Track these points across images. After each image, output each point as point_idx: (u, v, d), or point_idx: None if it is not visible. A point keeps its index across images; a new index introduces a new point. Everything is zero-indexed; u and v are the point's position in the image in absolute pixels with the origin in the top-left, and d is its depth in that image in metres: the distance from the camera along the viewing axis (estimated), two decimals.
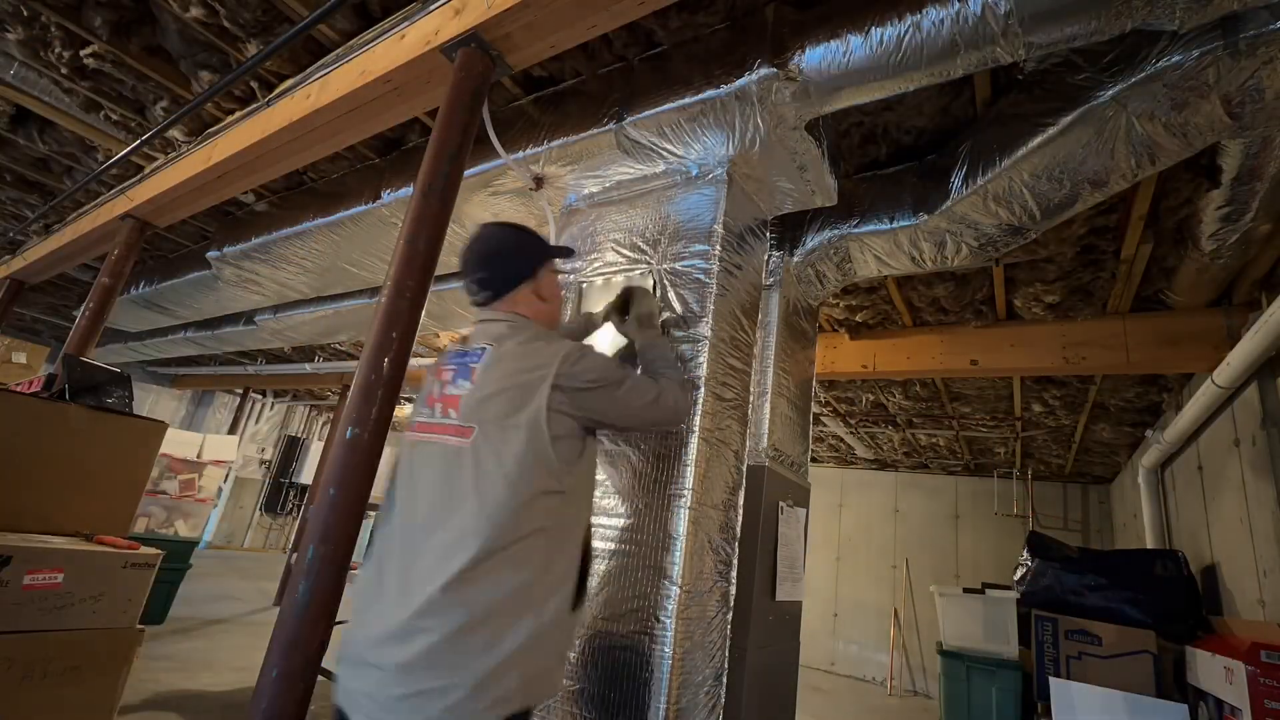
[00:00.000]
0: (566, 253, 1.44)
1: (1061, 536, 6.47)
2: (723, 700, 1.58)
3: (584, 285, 1.95)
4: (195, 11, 2.11)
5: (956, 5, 1.36)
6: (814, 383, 2.39)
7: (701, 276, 1.72)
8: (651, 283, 1.79)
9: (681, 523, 1.48)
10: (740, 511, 1.75)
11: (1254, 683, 2.22)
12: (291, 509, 10.33)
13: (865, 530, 7.75)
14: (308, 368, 6.71)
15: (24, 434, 1.91)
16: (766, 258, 2.14)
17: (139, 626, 1.78)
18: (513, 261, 1.32)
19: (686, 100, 1.73)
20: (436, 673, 0.94)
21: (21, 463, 1.89)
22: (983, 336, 3.31)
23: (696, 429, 1.55)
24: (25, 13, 2.28)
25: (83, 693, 1.64)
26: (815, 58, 1.55)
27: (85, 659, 1.65)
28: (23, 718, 1.53)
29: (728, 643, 1.63)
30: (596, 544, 1.57)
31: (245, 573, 7.62)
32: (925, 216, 2.00)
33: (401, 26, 1.83)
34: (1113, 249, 2.53)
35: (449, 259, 2.97)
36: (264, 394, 10.23)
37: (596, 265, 1.95)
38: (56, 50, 2.42)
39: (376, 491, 1.33)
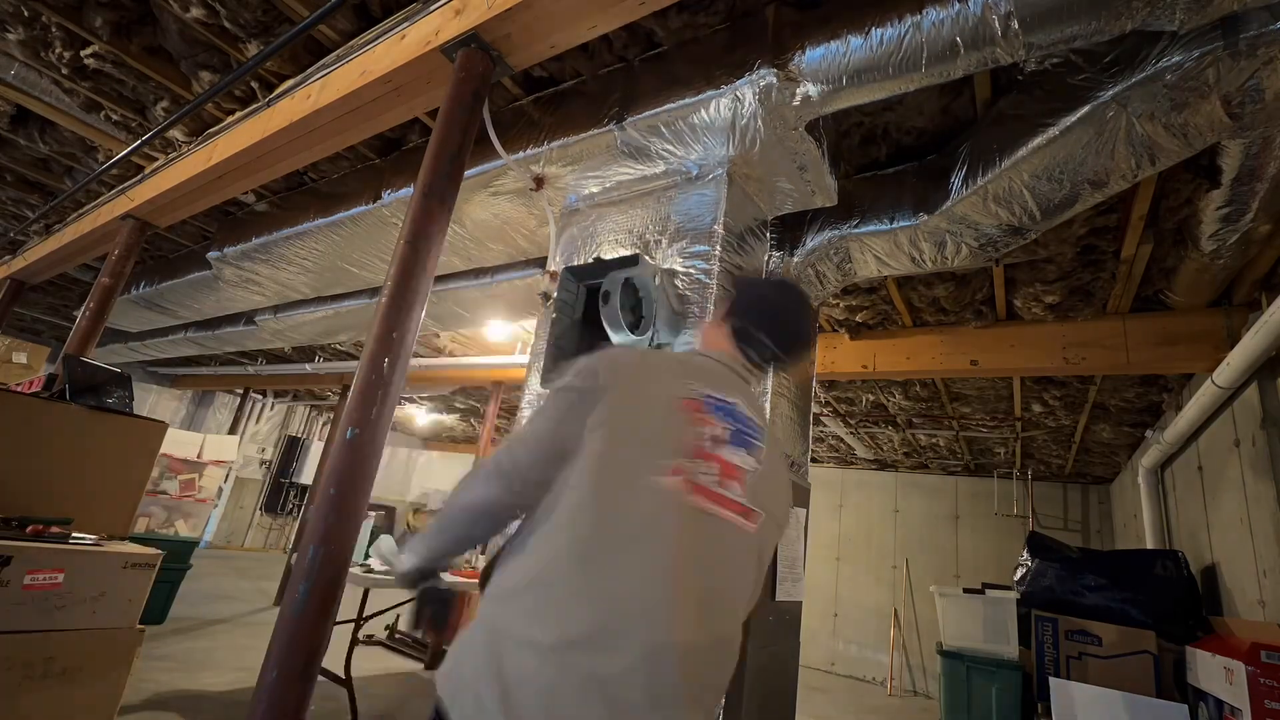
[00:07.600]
0: None
1: (1061, 536, 6.48)
2: (722, 700, 1.58)
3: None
4: (196, 12, 2.11)
5: (956, 6, 1.36)
6: (814, 383, 2.39)
7: (702, 277, 1.72)
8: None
9: None
10: None
11: (1254, 683, 2.21)
12: (291, 509, 10.34)
13: (865, 530, 7.74)
14: (308, 368, 6.71)
15: (24, 434, 1.91)
16: (767, 258, 2.14)
17: (139, 626, 1.78)
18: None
19: (687, 101, 1.73)
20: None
21: (22, 463, 1.89)
22: (983, 336, 3.31)
23: None
24: (26, 13, 2.28)
25: (83, 693, 1.64)
26: (815, 58, 1.56)
27: (85, 659, 1.65)
28: (23, 718, 1.53)
29: None
30: None
31: (245, 573, 7.62)
32: (925, 217, 2.00)
33: (402, 27, 1.83)
34: (1113, 249, 2.53)
35: (449, 259, 2.99)
36: (264, 394, 10.22)
37: None
38: (57, 50, 2.43)
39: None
